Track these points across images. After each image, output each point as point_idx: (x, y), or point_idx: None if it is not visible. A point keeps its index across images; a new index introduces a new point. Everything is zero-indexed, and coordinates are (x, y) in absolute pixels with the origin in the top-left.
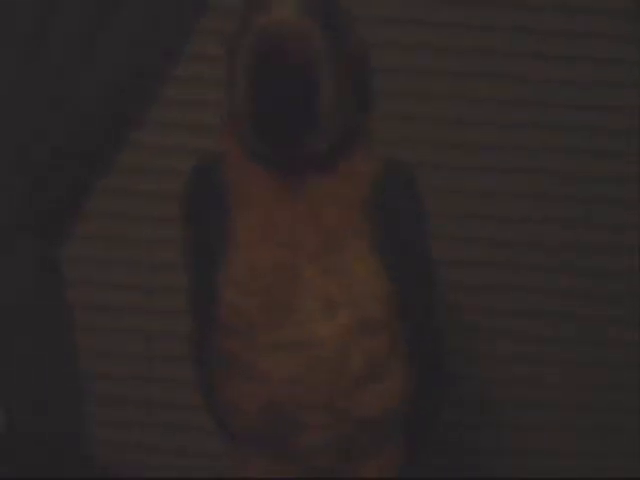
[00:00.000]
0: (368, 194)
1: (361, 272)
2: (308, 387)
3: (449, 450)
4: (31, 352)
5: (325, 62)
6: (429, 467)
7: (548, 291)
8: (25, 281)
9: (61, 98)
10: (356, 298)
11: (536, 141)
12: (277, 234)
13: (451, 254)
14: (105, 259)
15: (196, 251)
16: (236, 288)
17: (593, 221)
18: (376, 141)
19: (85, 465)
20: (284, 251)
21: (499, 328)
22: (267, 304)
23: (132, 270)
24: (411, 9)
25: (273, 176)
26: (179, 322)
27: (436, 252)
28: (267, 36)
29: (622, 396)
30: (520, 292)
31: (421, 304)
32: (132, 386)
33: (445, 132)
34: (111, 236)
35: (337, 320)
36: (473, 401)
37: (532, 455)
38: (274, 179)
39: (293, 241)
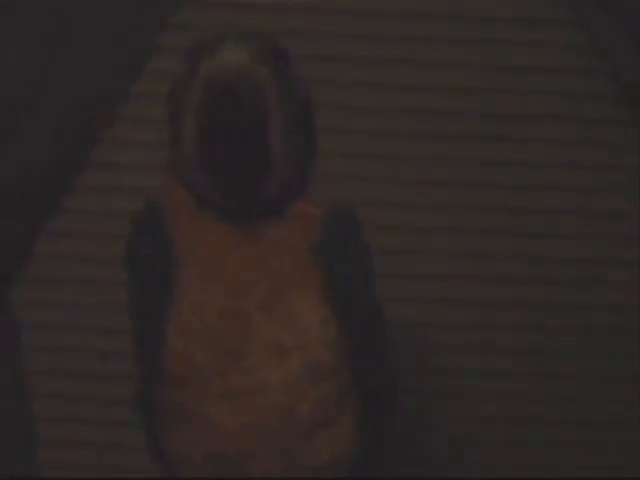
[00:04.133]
0: (315, 239)
1: (309, 318)
2: (258, 436)
3: None
4: None
5: (275, 108)
6: None
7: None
8: None
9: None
10: (304, 344)
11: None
12: (225, 281)
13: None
14: (56, 302)
15: (141, 299)
16: (184, 337)
17: None
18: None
19: None
20: (232, 298)
21: None
22: (215, 353)
23: (84, 314)
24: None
25: (220, 223)
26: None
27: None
28: (217, 80)
29: None
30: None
31: (370, 349)
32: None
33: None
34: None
35: (286, 366)
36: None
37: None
38: (221, 226)
39: (241, 288)
